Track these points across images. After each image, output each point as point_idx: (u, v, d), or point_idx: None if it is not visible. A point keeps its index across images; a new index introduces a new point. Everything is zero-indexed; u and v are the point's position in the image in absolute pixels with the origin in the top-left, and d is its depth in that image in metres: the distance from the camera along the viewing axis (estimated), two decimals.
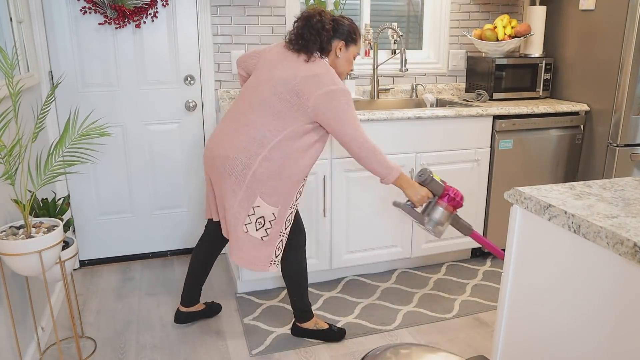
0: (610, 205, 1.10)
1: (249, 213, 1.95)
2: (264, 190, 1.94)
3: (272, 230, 1.99)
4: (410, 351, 1.22)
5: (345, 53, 2.06)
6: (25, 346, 2.00)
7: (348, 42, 2.05)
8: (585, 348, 1.07)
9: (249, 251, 1.99)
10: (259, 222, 1.96)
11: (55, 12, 2.66)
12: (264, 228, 1.97)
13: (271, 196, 1.95)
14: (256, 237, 1.98)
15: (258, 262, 2.01)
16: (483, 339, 2.31)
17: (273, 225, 1.99)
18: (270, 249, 2.02)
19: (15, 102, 1.76)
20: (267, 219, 1.97)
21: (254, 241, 1.99)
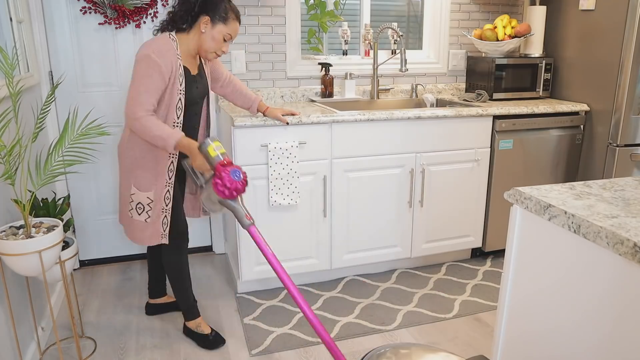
0: (610, 205, 1.10)
1: (129, 200, 2.07)
2: (134, 179, 2.05)
3: (153, 212, 2.07)
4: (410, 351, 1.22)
5: (210, 30, 2.00)
6: (25, 346, 2.00)
7: (214, 19, 1.99)
8: (585, 348, 1.07)
9: (141, 231, 2.10)
10: (139, 207, 2.06)
11: (55, 12, 2.66)
12: (145, 211, 2.07)
13: (141, 183, 2.04)
14: (141, 220, 2.08)
15: (151, 239, 2.09)
16: (483, 339, 2.32)
17: (153, 207, 2.07)
18: (156, 226, 2.09)
19: (15, 102, 1.76)
20: (145, 203, 2.06)
21: (140, 224, 2.09)
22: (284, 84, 3.08)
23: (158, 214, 2.07)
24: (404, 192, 2.73)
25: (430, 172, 2.76)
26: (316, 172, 2.55)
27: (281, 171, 2.46)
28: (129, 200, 2.07)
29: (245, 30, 2.95)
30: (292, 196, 2.49)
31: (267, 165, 2.45)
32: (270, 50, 3.01)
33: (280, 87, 3.08)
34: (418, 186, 2.75)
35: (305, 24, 3.07)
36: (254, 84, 3.03)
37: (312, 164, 2.53)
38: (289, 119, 2.40)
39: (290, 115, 2.42)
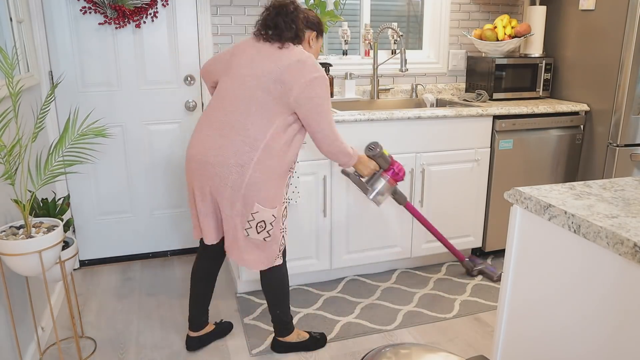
0: (610, 205, 1.10)
1: (249, 219, 1.89)
2: (261, 196, 1.87)
3: (274, 230, 1.95)
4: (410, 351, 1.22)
5: (315, 44, 2.07)
6: (25, 346, 2.00)
7: (318, 34, 2.06)
8: (586, 348, 1.07)
9: (254, 252, 1.96)
10: (260, 225, 1.91)
11: (55, 12, 2.66)
12: (265, 230, 1.92)
13: (267, 199, 1.89)
14: (259, 239, 1.93)
15: (265, 261, 1.98)
16: (483, 339, 2.31)
17: (274, 226, 1.94)
18: (274, 247, 1.98)
19: (15, 102, 1.76)
20: (268, 222, 1.91)
21: (256, 243, 1.94)
22: None
23: (277, 233, 1.97)
24: (404, 192, 2.73)
25: (430, 172, 2.76)
26: (316, 172, 2.55)
27: None
28: (249, 219, 1.89)
29: (246, 30, 2.96)
30: (292, 196, 2.49)
31: None
32: None
33: None
34: (418, 186, 2.75)
35: None
36: None
37: (312, 164, 2.53)
38: None
39: None
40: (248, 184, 1.85)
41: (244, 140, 1.84)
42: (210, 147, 1.87)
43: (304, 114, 1.86)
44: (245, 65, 1.90)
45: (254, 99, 1.85)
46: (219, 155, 1.85)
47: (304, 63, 1.84)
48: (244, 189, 1.86)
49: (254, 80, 1.86)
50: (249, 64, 1.89)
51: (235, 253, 1.96)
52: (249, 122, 1.85)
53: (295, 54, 1.86)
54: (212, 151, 1.86)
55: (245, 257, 1.95)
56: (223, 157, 1.84)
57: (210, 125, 1.91)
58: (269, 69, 1.84)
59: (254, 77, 1.86)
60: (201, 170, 1.89)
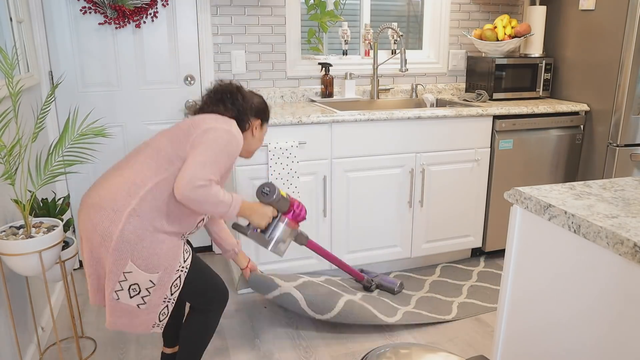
0: (610, 205, 1.10)
1: (120, 279, 1.59)
2: (136, 254, 1.57)
3: (151, 298, 1.63)
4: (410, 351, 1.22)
5: (259, 132, 1.89)
6: (25, 346, 2.00)
7: (263, 121, 1.90)
8: (586, 347, 1.07)
9: (124, 317, 1.65)
10: (133, 288, 1.60)
11: (55, 12, 2.66)
12: (139, 296, 1.61)
13: (146, 260, 1.58)
14: (131, 305, 1.62)
15: (138, 327, 1.67)
16: (483, 339, 2.32)
17: (152, 293, 1.62)
18: (152, 316, 1.66)
19: (15, 102, 1.76)
20: (143, 287, 1.60)
21: (129, 308, 1.63)
22: (284, 84, 3.08)
23: (157, 302, 1.64)
24: (404, 192, 2.73)
25: (430, 172, 2.76)
26: (316, 172, 2.55)
27: (281, 171, 2.46)
28: (119, 279, 1.58)
29: (246, 30, 2.96)
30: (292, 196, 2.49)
31: (267, 165, 2.45)
32: (270, 50, 3.01)
33: (280, 87, 3.08)
34: (418, 186, 2.75)
35: (305, 24, 3.07)
36: (254, 84, 3.03)
37: (312, 164, 2.53)
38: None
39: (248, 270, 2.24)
40: (119, 238, 1.56)
41: (124, 184, 1.61)
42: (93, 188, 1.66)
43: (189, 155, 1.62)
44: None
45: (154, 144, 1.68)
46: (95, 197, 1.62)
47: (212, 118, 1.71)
48: (114, 242, 1.56)
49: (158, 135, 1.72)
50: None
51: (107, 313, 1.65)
52: (136, 166, 1.64)
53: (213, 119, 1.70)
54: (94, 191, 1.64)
55: (116, 320, 1.64)
56: (98, 200, 1.61)
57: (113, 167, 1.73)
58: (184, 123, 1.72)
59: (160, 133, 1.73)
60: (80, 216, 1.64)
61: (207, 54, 2.91)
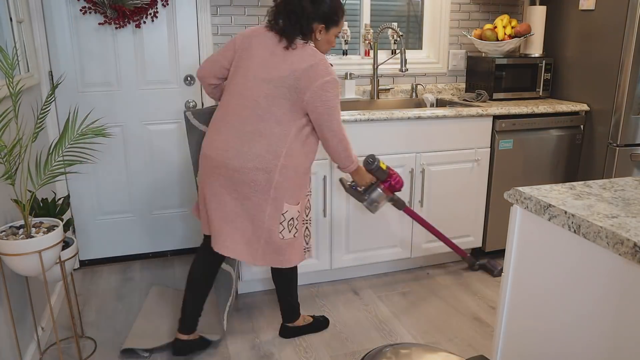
0: (610, 205, 1.10)
1: (280, 221, 1.97)
2: (288, 195, 1.96)
3: (299, 224, 2.05)
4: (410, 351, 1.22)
5: (325, 35, 1.98)
6: (25, 346, 2.00)
7: (328, 25, 1.96)
8: (586, 347, 1.07)
9: (288, 250, 2.03)
10: (290, 223, 2.00)
11: (55, 12, 2.66)
12: (294, 226, 2.03)
13: (293, 197, 1.99)
14: (290, 237, 2.02)
15: (295, 257, 2.06)
16: (483, 339, 2.32)
17: (299, 220, 2.05)
18: (300, 240, 2.08)
19: (15, 102, 1.76)
20: (295, 217, 2.02)
21: (289, 242, 2.02)
22: None
23: (301, 227, 2.08)
24: (404, 192, 2.73)
25: (430, 172, 2.76)
26: (316, 172, 2.55)
27: None
28: (280, 220, 1.97)
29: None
30: None
31: None
32: None
33: None
34: (418, 186, 2.75)
35: None
36: None
37: (312, 164, 2.53)
38: None
39: None
40: (275, 189, 1.93)
41: (268, 150, 1.89)
42: (229, 150, 1.90)
43: (316, 116, 1.90)
44: (259, 68, 1.91)
45: (271, 105, 1.89)
46: (243, 161, 1.89)
47: (316, 67, 1.86)
48: (272, 193, 1.93)
49: (270, 86, 1.88)
50: (263, 68, 1.90)
51: (268, 257, 2.01)
52: (267, 129, 1.89)
53: (307, 58, 1.88)
54: (234, 156, 1.90)
55: (280, 258, 2.02)
56: (249, 164, 1.89)
57: (227, 126, 1.93)
58: (284, 74, 1.87)
59: (269, 82, 1.88)
60: (223, 173, 1.92)
61: (207, 54, 2.91)
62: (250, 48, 1.94)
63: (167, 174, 3.04)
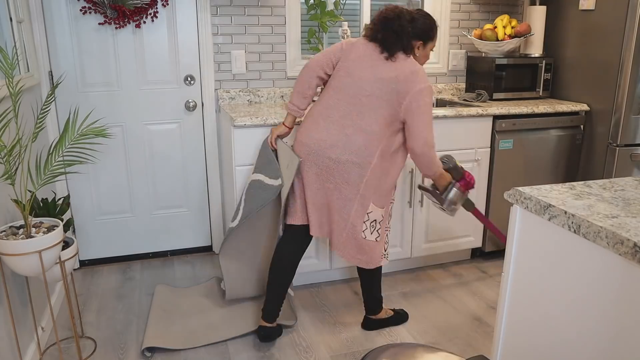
0: (610, 205, 1.10)
1: (364, 219, 2.07)
2: (375, 196, 2.06)
3: (381, 229, 2.13)
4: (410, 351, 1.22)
5: (422, 51, 2.12)
6: (25, 346, 2.00)
7: (425, 41, 2.10)
8: (586, 347, 1.07)
9: (369, 253, 2.12)
10: (372, 225, 2.09)
11: (55, 12, 2.66)
12: (376, 230, 2.11)
13: (379, 200, 2.08)
14: (372, 240, 2.11)
15: (375, 261, 2.14)
16: (483, 339, 2.32)
17: (382, 225, 2.12)
18: (381, 245, 2.16)
19: (15, 102, 1.76)
20: (378, 221, 2.10)
21: (370, 244, 2.11)
22: (284, 84, 3.08)
23: (384, 232, 2.16)
24: (404, 192, 2.73)
25: None
26: None
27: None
28: (364, 219, 2.07)
29: (246, 30, 2.96)
30: None
31: None
32: (270, 50, 3.01)
33: (280, 87, 3.08)
34: None
35: (305, 24, 3.07)
36: (254, 84, 3.03)
37: None
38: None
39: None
40: (365, 185, 2.03)
41: (366, 145, 2.00)
42: (328, 141, 2.03)
43: (410, 120, 1.99)
44: (364, 69, 2.03)
45: (372, 104, 2.00)
46: (340, 153, 2.01)
47: (416, 74, 1.99)
48: (361, 189, 2.03)
49: (373, 86, 2.00)
50: (368, 70, 2.02)
51: (348, 252, 2.12)
52: (366, 126, 2.00)
53: (410, 66, 2.01)
54: (334, 145, 2.02)
55: (359, 257, 2.12)
56: (346, 156, 2.01)
57: (327, 119, 2.05)
58: (388, 76, 1.99)
59: (373, 83, 2.00)
60: (319, 162, 2.05)
61: (207, 54, 2.91)
62: (357, 51, 2.07)
63: (167, 174, 3.04)
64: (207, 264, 3.07)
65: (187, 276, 2.91)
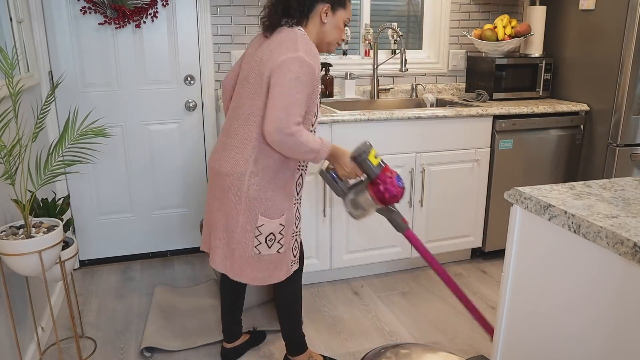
0: (610, 205, 1.10)
1: (256, 234, 1.73)
2: (263, 207, 1.72)
3: (285, 239, 1.79)
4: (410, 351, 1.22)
5: (332, 18, 1.74)
6: (25, 346, 2.00)
7: (335, 5, 1.73)
8: (586, 347, 1.07)
9: (273, 268, 1.79)
10: (270, 239, 1.75)
11: (55, 12, 2.66)
12: (276, 241, 1.76)
13: (272, 209, 1.73)
14: (272, 254, 1.77)
15: (281, 273, 1.82)
16: (483, 339, 2.31)
17: (285, 234, 1.79)
18: (287, 254, 1.83)
19: (15, 102, 1.76)
20: (277, 232, 1.76)
21: (270, 258, 1.78)
22: None
23: (289, 239, 1.80)
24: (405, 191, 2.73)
25: (430, 172, 2.76)
26: (316, 172, 2.55)
27: None
28: (255, 234, 1.72)
29: (246, 30, 2.96)
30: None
31: None
32: None
33: None
34: (418, 186, 2.75)
35: None
36: None
37: (312, 164, 2.53)
38: None
39: None
40: (246, 198, 1.71)
41: (238, 152, 1.71)
42: (217, 155, 1.79)
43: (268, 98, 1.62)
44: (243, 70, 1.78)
45: (245, 103, 1.71)
46: (220, 165, 1.75)
47: (282, 44, 1.62)
48: (243, 203, 1.71)
49: (243, 81, 1.74)
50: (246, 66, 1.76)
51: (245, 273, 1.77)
52: (240, 131, 1.71)
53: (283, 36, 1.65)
54: (218, 159, 1.77)
55: (257, 275, 1.78)
56: (224, 168, 1.74)
57: (222, 132, 1.81)
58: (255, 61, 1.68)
59: (244, 80, 1.74)
60: (211, 180, 1.82)
61: (207, 54, 2.91)
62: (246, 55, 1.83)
63: (167, 174, 3.04)
64: (207, 265, 3.07)
65: (186, 276, 2.91)
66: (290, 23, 1.71)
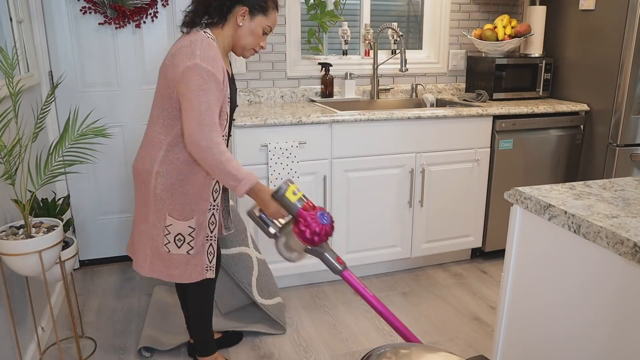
0: (610, 205, 1.10)
1: (164, 233, 1.73)
2: (171, 208, 1.71)
3: (196, 241, 1.76)
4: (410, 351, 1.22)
5: (249, 23, 1.70)
6: (25, 346, 2.00)
7: (254, 10, 1.69)
8: (586, 347, 1.07)
9: (183, 267, 1.77)
10: (178, 239, 1.74)
11: (55, 12, 2.66)
12: (186, 242, 1.74)
13: (179, 212, 1.72)
14: (182, 254, 1.76)
15: (193, 274, 1.79)
16: (483, 339, 2.32)
17: (195, 237, 1.75)
18: (201, 257, 1.78)
19: (15, 102, 1.76)
20: (186, 234, 1.74)
21: (181, 258, 1.76)
22: (284, 84, 3.08)
23: (201, 242, 1.77)
24: (404, 192, 2.73)
25: (430, 172, 2.76)
26: (316, 172, 2.55)
27: (281, 171, 2.46)
28: (164, 233, 1.73)
29: None
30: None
31: (267, 165, 2.45)
32: (270, 50, 3.01)
33: (280, 87, 3.08)
34: (418, 186, 2.75)
35: (305, 24, 3.07)
36: (254, 84, 3.03)
37: (312, 164, 2.53)
38: None
39: None
40: (154, 197, 1.70)
41: (147, 150, 1.72)
42: (137, 154, 1.80)
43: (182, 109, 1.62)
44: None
45: (155, 105, 1.72)
46: (136, 162, 1.77)
47: (181, 51, 1.60)
48: (152, 201, 1.71)
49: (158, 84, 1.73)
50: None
51: (158, 269, 1.78)
52: (150, 131, 1.73)
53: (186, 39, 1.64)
54: (136, 158, 1.79)
55: (172, 273, 1.78)
56: (136, 164, 1.76)
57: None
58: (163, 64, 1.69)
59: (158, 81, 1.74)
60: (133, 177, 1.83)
61: None
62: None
63: None
64: None
65: None
66: (205, 24, 1.70)
